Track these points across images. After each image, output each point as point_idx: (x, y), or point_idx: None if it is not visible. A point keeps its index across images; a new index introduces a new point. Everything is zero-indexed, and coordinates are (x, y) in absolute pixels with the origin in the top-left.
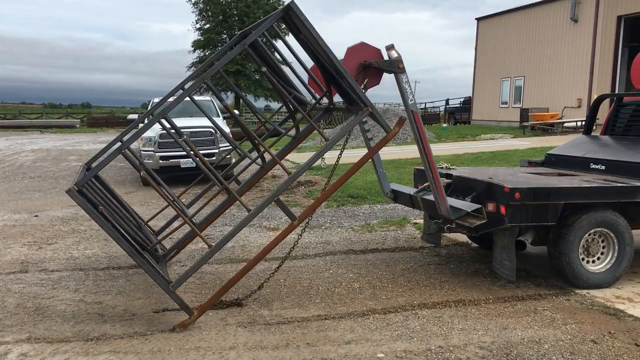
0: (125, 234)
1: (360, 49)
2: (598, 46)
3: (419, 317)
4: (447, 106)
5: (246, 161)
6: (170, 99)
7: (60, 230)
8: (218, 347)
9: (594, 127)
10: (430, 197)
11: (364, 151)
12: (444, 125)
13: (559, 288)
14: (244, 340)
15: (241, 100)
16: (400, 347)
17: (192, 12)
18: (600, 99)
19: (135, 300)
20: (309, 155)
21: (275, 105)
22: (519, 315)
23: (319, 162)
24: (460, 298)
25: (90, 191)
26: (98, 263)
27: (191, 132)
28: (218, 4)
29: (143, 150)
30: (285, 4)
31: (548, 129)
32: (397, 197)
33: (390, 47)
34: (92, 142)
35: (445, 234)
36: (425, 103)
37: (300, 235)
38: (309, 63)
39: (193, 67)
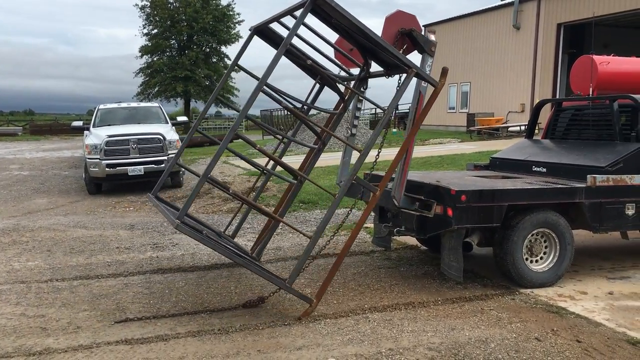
0: (231, 248)
1: (397, 17)
2: (539, 53)
3: (369, 321)
4: (397, 111)
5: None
6: (116, 105)
7: (1, 242)
8: (167, 358)
9: (536, 131)
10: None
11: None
12: (394, 130)
13: (505, 288)
14: (193, 350)
15: (191, 108)
16: (351, 351)
17: (140, 17)
18: (541, 104)
19: (80, 313)
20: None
21: (225, 111)
22: (467, 316)
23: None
24: (410, 300)
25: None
26: (41, 275)
27: (139, 138)
28: (166, 9)
29: (88, 158)
30: None
31: (493, 133)
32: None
33: (432, 31)
34: (34, 150)
35: (395, 237)
36: (375, 109)
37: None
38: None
39: (141, 73)
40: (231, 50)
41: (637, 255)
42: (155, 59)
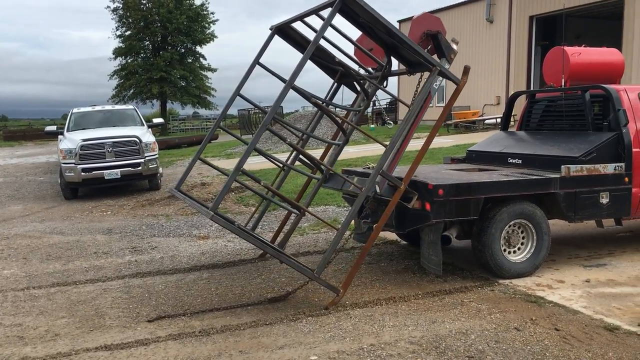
0: (261, 239)
1: (423, 19)
2: (513, 45)
3: (351, 317)
4: (374, 107)
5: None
6: (90, 108)
7: None
8: None
9: (512, 123)
10: (364, 178)
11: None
12: (372, 126)
13: (484, 279)
14: (174, 353)
15: (167, 109)
16: (333, 348)
17: (112, 18)
18: (515, 96)
19: (58, 320)
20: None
21: (203, 111)
22: (447, 308)
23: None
24: (390, 295)
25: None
26: (17, 283)
27: (114, 142)
28: (139, 10)
29: (63, 163)
30: None
31: (470, 126)
32: (330, 178)
33: (455, 41)
34: (8, 157)
35: None
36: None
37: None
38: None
39: (115, 76)
40: (206, 50)
41: (612, 242)
42: (129, 60)
